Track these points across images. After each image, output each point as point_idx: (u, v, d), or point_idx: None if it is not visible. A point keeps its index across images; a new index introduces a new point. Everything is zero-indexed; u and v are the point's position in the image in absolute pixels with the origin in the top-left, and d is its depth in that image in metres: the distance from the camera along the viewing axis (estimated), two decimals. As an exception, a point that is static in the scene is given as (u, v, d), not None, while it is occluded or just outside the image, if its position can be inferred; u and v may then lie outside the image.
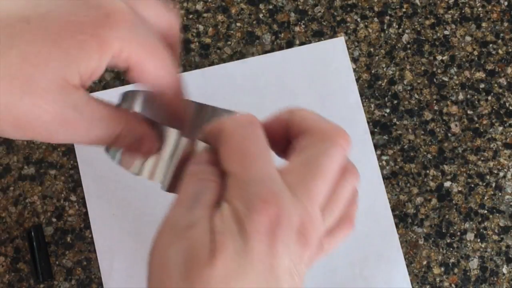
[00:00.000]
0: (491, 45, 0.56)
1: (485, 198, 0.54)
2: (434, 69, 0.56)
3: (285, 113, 0.33)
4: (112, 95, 0.50)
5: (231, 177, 0.29)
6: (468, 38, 0.56)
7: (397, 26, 0.56)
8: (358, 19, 0.56)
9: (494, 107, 0.55)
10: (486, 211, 0.53)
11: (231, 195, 0.29)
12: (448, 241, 0.53)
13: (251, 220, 0.27)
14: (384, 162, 0.54)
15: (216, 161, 0.31)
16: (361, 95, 0.55)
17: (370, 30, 0.56)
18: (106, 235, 0.51)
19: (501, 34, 0.57)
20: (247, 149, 0.30)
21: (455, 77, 0.56)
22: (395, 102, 0.55)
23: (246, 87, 0.54)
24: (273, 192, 0.28)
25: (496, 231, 0.53)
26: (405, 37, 0.56)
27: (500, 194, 0.54)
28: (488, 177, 0.54)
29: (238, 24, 0.56)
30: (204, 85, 0.54)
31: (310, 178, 0.30)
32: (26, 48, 0.29)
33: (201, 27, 0.56)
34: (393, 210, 0.53)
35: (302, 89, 0.54)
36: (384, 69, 0.56)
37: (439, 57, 0.56)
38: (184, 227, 0.28)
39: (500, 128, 0.55)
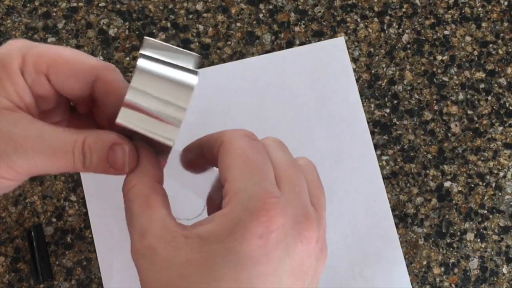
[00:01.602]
0: (491, 45, 0.56)
1: (485, 198, 0.54)
2: (434, 69, 0.56)
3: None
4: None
5: (228, 183, 0.30)
6: (468, 38, 0.56)
7: (397, 26, 0.56)
8: (358, 19, 0.56)
9: (494, 107, 0.55)
10: (486, 211, 0.53)
11: (227, 202, 0.29)
12: (448, 241, 0.53)
13: (251, 224, 0.28)
14: (384, 162, 0.54)
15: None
16: (361, 95, 0.55)
17: (370, 30, 0.56)
18: (106, 235, 0.51)
19: (501, 34, 0.57)
20: (247, 157, 0.30)
21: (455, 77, 0.56)
22: (395, 102, 0.55)
23: (246, 87, 0.54)
24: (274, 195, 0.28)
25: (496, 231, 0.53)
26: (405, 37, 0.56)
27: (500, 194, 0.54)
28: (488, 177, 0.54)
29: (238, 24, 0.56)
30: (204, 85, 0.54)
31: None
32: None
33: (201, 27, 0.56)
34: (393, 210, 0.53)
35: (302, 89, 0.54)
36: (384, 69, 0.56)
37: (439, 57, 0.56)
38: (139, 237, 0.29)
39: (500, 128, 0.55)
